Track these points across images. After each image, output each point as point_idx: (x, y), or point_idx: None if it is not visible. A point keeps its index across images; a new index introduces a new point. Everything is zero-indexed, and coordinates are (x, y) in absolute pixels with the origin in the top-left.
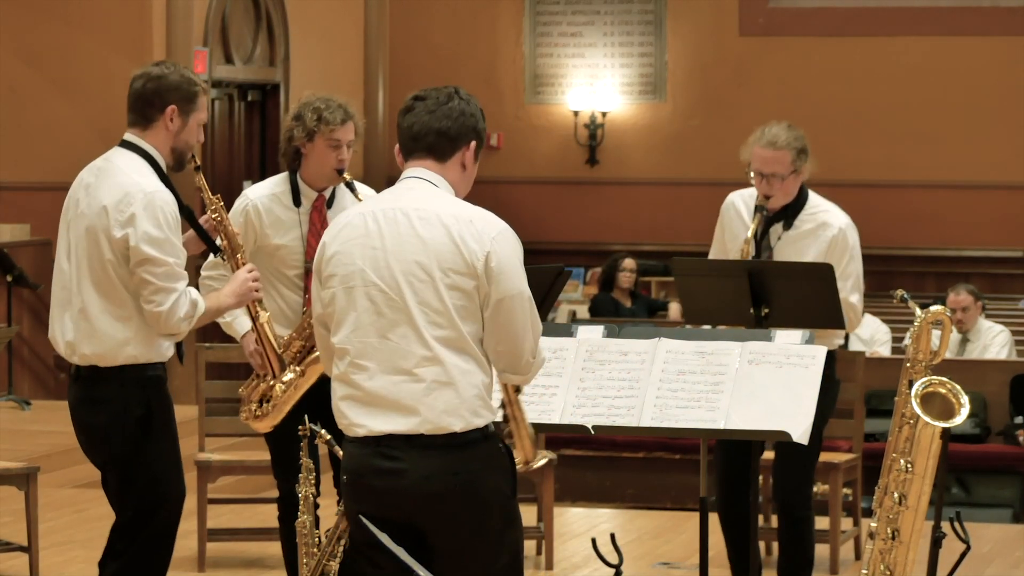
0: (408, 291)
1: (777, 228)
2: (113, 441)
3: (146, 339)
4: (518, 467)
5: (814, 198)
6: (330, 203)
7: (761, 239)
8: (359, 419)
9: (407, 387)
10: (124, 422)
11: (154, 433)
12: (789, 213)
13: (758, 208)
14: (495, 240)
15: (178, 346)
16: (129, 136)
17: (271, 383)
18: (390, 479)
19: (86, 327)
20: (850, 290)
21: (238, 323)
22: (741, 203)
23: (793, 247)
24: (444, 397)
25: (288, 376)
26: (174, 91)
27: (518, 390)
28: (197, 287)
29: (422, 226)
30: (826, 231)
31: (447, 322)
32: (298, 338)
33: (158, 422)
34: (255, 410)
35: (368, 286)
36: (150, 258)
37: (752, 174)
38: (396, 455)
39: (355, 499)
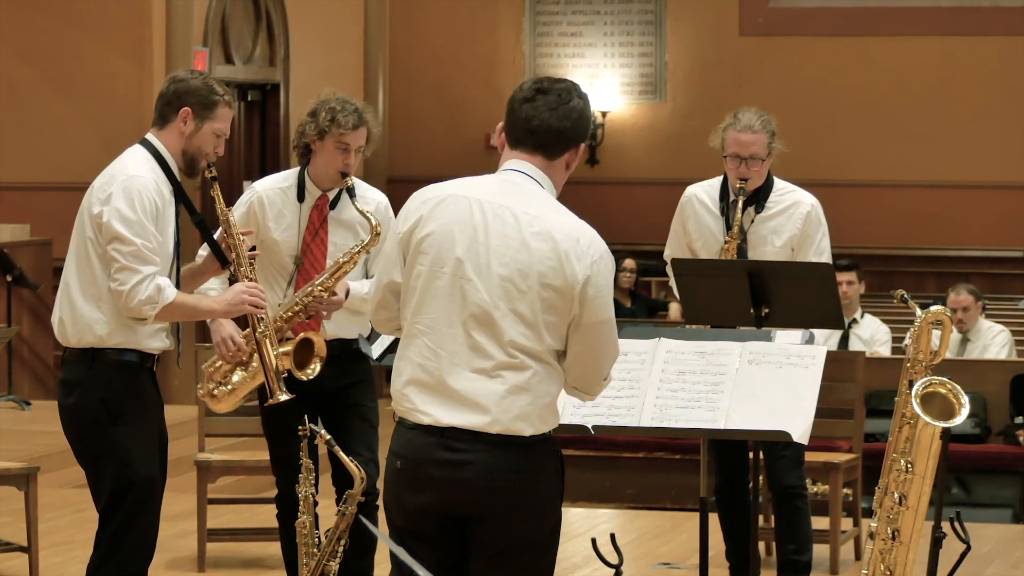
0: (502, 296)
1: (749, 212)
2: (78, 422)
3: (117, 323)
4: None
5: (779, 181)
6: (334, 204)
7: (733, 223)
8: (426, 407)
9: (485, 386)
10: (88, 403)
11: (119, 418)
12: (760, 196)
13: (740, 191)
14: (596, 264)
15: (177, 347)
16: (147, 135)
17: (232, 367)
18: (451, 470)
19: (66, 305)
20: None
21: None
22: (704, 194)
23: (767, 227)
24: (520, 403)
25: (282, 396)
26: (192, 94)
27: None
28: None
29: (531, 235)
30: (799, 208)
31: (534, 334)
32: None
33: (122, 407)
34: (212, 389)
35: (463, 279)
36: (119, 236)
37: (728, 159)
38: (460, 447)
39: (407, 486)
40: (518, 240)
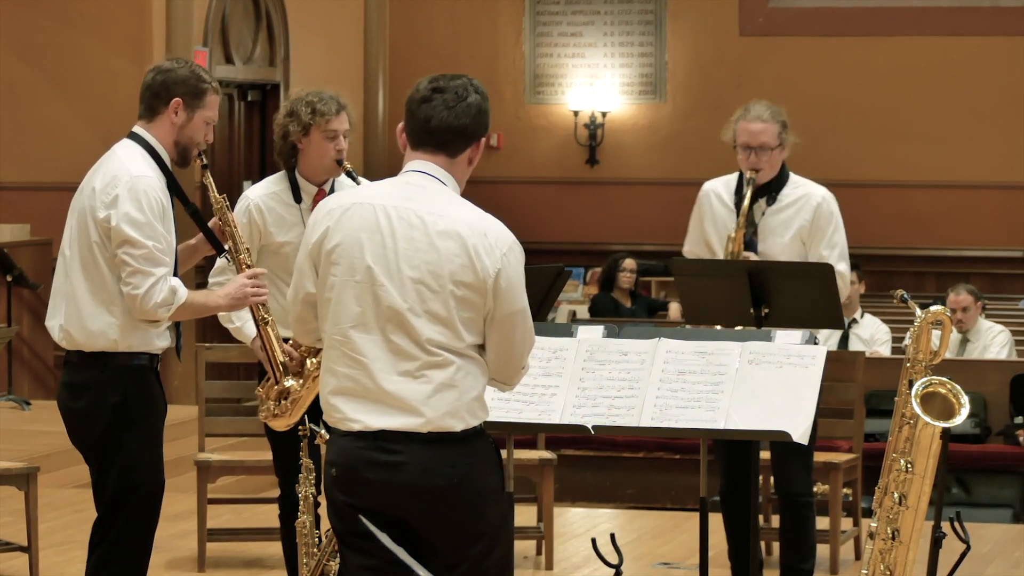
0: (415, 297)
1: (761, 204)
2: (89, 427)
3: (129, 326)
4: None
5: (794, 176)
6: None
7: (740, 214)
8: (354, 414)
9: (411, 387)
10: (101, 408)
11: (130, 422)
12: (772, 189)
13: (750, 182)
14: (505, 256)
15: (177, 341)
16: (135, 128)
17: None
18: (387, 472)
19: (74, 311)
20: (837, 259)
21: (247, 328)
22: (722, 188)
23: (777, 219)
24: (447, 399)
25: (289, 381)
26: (181, 84)
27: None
28: (204, 287)
29: (437, 235)
30: (809, 201)
31: (451, 331)
32: None
33: (135, 411)
34: (273, 408)
35: (376, 285)
36: (130, 239)
37: (739, 150)
38: (395, 448)
39: (344, 491)
40: (425, 241)
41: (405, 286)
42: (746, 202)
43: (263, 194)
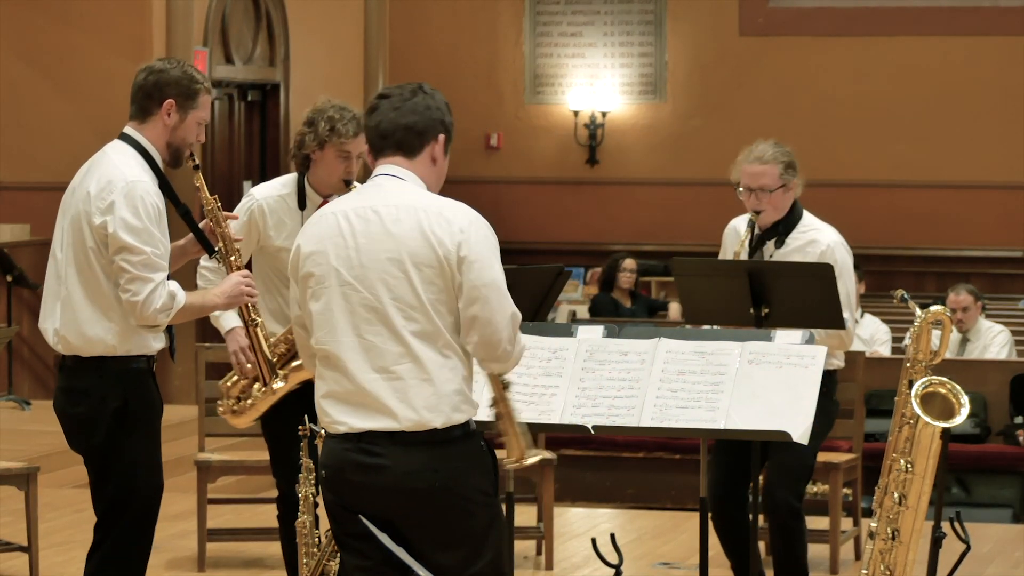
0: (382, 288)
1: (769, 245)
2: (90, 432)
3: (126, 331)
4: (511, 465)
5: (808, 217)
6: None
7: (752, 255)
8: (340, 416)
9: (385, 385)
10: (101, 414)
11: (130, 426)
12: (781, 230)
13: (750, 224)
14: (464, 230)
15: (171, 343)
16: (127, 129)
17: (251, 380)
18: (370, 475)
19: (70, 316)
20: (841, 308)
21: (224, 318)
22: (741, 225)
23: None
24: (423, 394)
25: (278, 383)
26: (173, 85)
27: (506, 387)
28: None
29: (392, 222)
30: (815, 247)
31: (423, 316)
32: (284, 341)
33: (135, 415)
34: (232, 405)
35: (343, 285)
36: (127, 246)
37: (741, 191)
38: (377, 451)
39: (333, 492)
40: (382, 231)
41: (369, 280)
42: (744, 243)
43: (269, 195)
